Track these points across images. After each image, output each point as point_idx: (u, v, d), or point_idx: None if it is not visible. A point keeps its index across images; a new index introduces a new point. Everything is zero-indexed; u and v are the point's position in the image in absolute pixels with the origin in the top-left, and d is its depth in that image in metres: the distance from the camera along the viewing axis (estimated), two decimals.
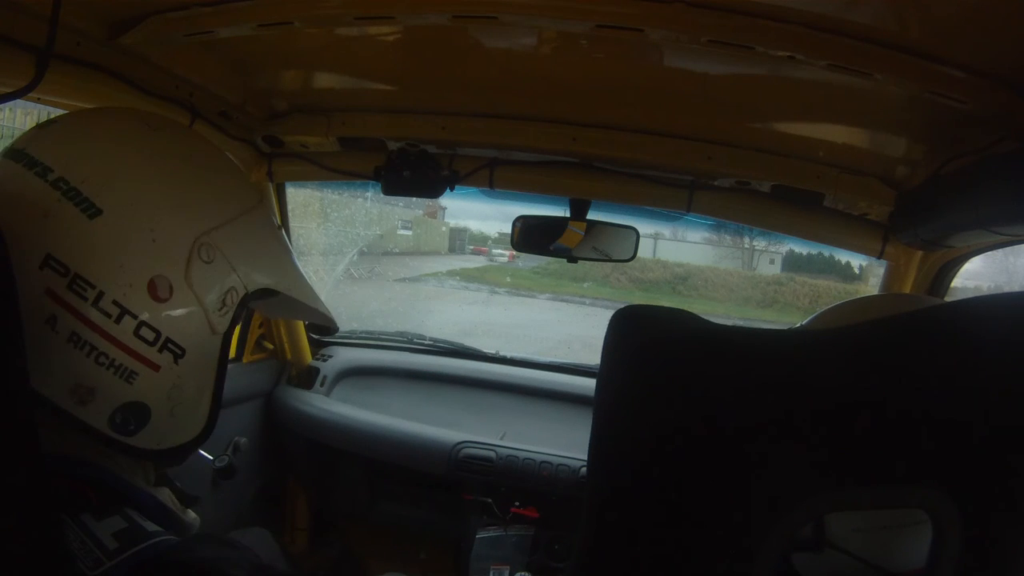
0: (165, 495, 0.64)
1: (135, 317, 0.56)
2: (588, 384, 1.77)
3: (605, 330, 0.47)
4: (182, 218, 0.59)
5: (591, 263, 2.10)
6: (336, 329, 0.81)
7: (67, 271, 0.54)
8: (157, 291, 0.56)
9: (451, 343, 1.99)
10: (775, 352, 0.44)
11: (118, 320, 0.55)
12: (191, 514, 0.68)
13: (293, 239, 1.75)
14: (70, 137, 0.61)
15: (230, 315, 0.61)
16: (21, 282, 0.45)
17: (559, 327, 7.05)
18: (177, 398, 0.59)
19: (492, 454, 1.54)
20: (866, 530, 0.60)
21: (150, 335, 0.56)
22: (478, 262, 10.68)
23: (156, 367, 0.57)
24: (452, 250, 11.12)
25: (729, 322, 0.58)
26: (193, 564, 0.55)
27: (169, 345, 0.57)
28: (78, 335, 0.54)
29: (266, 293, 0.66)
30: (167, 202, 0.59)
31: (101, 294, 0.54)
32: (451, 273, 9.90)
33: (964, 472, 0.42)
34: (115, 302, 0.55)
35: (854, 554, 0.60)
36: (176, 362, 0.58)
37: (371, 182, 1.37)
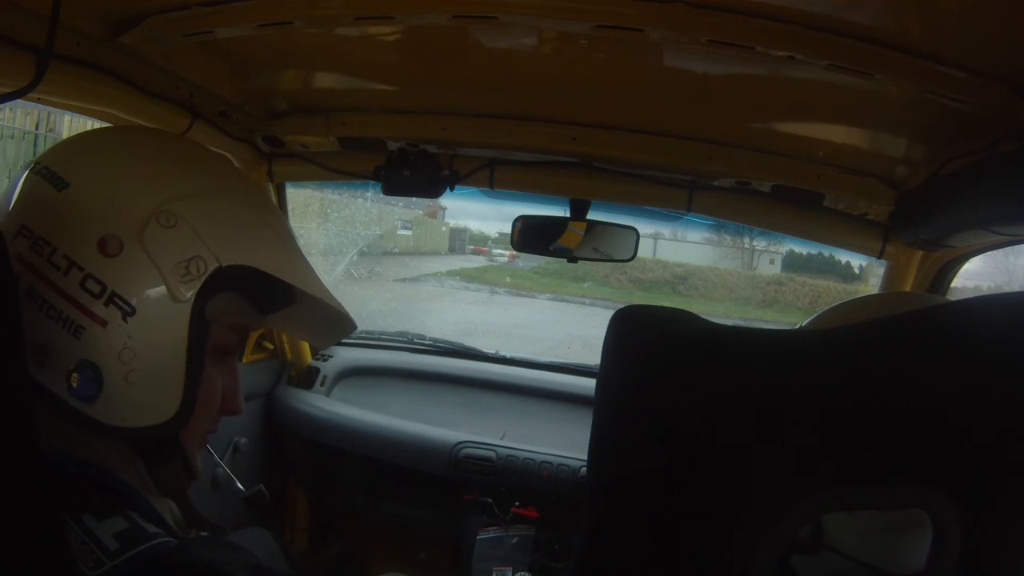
0: (166, 506, 0.64)
1: (82, 269, 0.57)
2: (588, 384, 1.77)
3: (605, 330, 0.47)
4: (145, 187, 0.60)
5: (591, 263, 2.11)
6: (354, 328, 0.80)
7: (32, 235, 0.58)
8: (107, 247, 0.57)
9: (451, 343, 1.99)
10: (775, 352, 0.44)
11: (66, 272, 0.57)
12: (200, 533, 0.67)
13: None
14: (67, 142, 0.67)
15: (196, 285, 0.60)
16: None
17: (559, 327, 7.06)
18: (130, 362, 0.58)
19: (492, 454, 1.54)
20: (864, 532, 0.60)
21: (95, 287, 0.57)
22: (478, 262, 10.69)
23: (103, 322, 0.57)
24: (452, 250, 11.13)
25: (729, 322, 0.58)
26: (194, 565, 0.55)
27: (115, 299, 0.57)
28: (32, 289, 0.57)
29: (252, 278, 0.63)
30: (132, 173, 0.62)
31: (55, 250, 0.57)
32: (451, 273, 9.90)
33: (964, 472, 0.42)
34: (65, 256, 0.57)
35: (852, 556, 0.60)
36: (124, 319, 0.57)
37: (371, 182, 1.37)
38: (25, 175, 0.61)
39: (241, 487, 1.05)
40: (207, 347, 0.63)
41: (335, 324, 0.80)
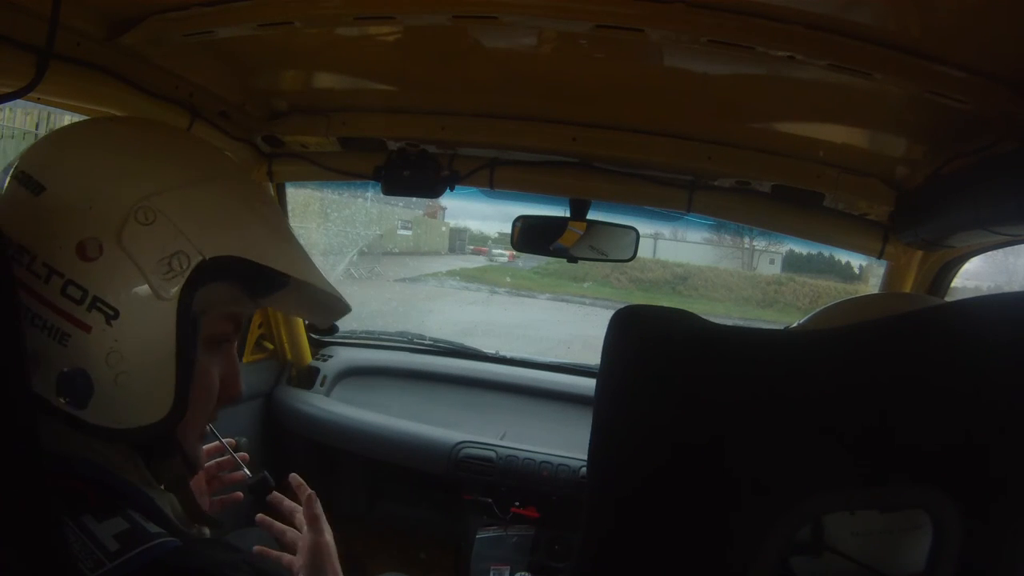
0: (167, 500, 0.64)
1: (62, 276, 0.56)
2: (588, 384, 1.77)
3: (605, 330, 0.47)
4: (123, 185, 0.59)
5: (591, 263, 2.11)
6: (348, 309, 0.78)
7: (11, 244, 0.56)
8: (86, 251, 0.56)
9: (451, 343, 1.99)
10: (774, 352, 0.44)
11: (47, 280, 0.56)
12: (202, 531, 0.67)
13: None
14: (43, 141, 0.66)
15: (179, 280, 0.58)
16: None
17: (559, 327, 7.06)
18: (118, 365, 0.57)
19: (492, 454, 1.54)
20: (865, 534, 0.60)
21: (77, 293, 0.56)
22: (478, 262, 10.71)
23: (86, 327, 0.56)
24: (452, 250, 11.14)
25: (729, 322, 0.58)
26: (194, 567, 0.55)
27: (98, 304, 0.56)
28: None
29: (240, 266, 0.62)
30: (109, 172, 0.60)
31: (33, 258, 0.56)
32: (451, 273, 9.92)
33: (964, 473, 0.42)
34: (44, 263, 0.56)
35: (853, 557, 0.60)
36: (109, 323, 0.56)
37: (371, 182, 1.37)
38: (7, 181, 0.60)
39: (248, 472, 1.05)
40: (199, 340, 0.62)
41: (330, 305, 0.79)
